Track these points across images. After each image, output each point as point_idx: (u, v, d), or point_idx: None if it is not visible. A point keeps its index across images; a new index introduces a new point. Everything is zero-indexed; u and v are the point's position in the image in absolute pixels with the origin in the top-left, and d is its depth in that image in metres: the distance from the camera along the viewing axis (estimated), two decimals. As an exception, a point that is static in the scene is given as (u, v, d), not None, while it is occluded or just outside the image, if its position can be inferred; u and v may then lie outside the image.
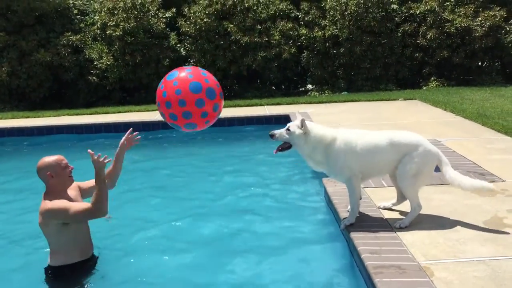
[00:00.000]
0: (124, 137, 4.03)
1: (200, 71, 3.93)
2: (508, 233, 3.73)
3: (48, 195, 3.64)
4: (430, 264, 3.32)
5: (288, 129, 4.03)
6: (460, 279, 3.11)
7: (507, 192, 4.61)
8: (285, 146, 4.08)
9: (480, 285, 3.03)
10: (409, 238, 3.73)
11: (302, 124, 3.99)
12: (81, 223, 3.76)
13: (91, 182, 3.81)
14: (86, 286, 3.76)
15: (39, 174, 3.66)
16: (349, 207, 4.20)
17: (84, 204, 3.58)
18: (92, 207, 3.49)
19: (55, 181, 3.64)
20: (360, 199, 4.34)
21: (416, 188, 3.98)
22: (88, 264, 3.87)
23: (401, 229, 3.90)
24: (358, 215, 4.13)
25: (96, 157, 3.48)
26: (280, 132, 4.05)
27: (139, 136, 4.10)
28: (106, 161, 3.53)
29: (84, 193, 3.95)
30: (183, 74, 3.83)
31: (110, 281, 3.88)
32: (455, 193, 4.55)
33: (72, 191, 3.83)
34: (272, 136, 4.04)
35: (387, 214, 4.25)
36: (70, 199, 3.71)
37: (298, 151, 4.11)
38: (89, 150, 3.53)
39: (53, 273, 3.76)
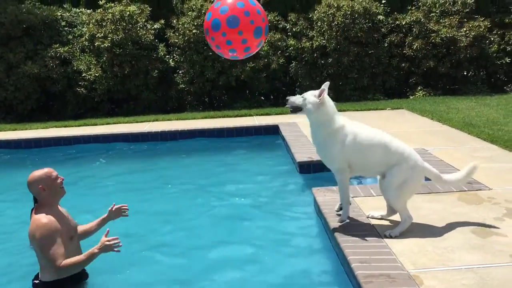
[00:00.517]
0: (115, 206, 4.04)
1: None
2: (495, 241, 3.78)
3: (40, 209, 3.64)
4: (419, 272, 3.36)
5: (303, 97, 4.15)
6: (449, 287, 3.15)
7: (494, 200, 4.68)
8: (297, 108, 4.21)
9: (469, 292, 3.07)
10: (398, 246, 3.77)
11: (320, 94, 4.08)
12: (71, 241, 3.74)
13: (85, 228, 4.00)
14: None
15: (31, 188, 3.66)
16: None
17: (59, 255, 3.50)
18: (59, 266, 3.48)
19: (47, 194, 3.65)
20: (350, 204, 4.41)
21: (401, 200, 4.00)
22: (78, 279, 3.82)
23: (390, 238, 3.93)
24: (348, 220, 4.26)
25: (112, 242, 3.47)
26: (296, 98, 4.21)
27: (127, 209, 4.12)
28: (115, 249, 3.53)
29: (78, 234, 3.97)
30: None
31: None
32: (443, 202, 4.62)
33: (63, 208, 3.85)
34: (286, 100, 4.27)
35: (376, 223, 4.29)
36: (61, 215, 3.73)
37: (307, 116, 4.22)
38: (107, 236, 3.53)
39: (43, 287, 3.70)
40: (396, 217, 4.21)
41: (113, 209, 4.06)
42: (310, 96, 4.13)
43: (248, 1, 4.35)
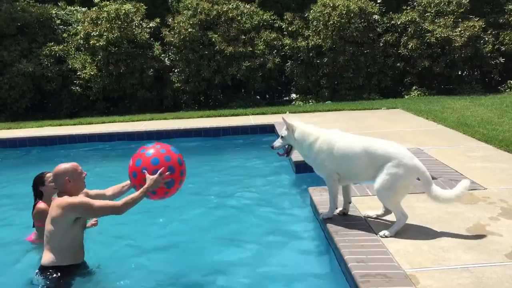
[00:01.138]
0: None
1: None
2: (490, 240, 3.81)
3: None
4: (415, 272, 3.38)
5: (281, 136, 4.50)
6: (445, 287, 3.17)
7: (488, 200, 4.71)
8: (288, 149, 4.58)
9: (465, 292, 3.10)
10: (394, 246, 3.79)
11: (286, 125, 4.45)
12: (82, 228, 3.96)
13: (98, 191, 4.22)
14: None
15: (57, 179, 3.91)
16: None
17: (112, 202, 3.87)
18: (120, 207, 3.75)
19: (71, 186, 3.88)
20: (350, 203, 4.54)
21: (393, 200, 4.01)
22: (77, 269, 3.98)
23: (386, 237, 3.95)
24: (337, 213, 4.48)
25: (162, 177, 3.75)
26: (277, 141, 4.55)
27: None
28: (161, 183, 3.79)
29: (91, 198, 4.13)
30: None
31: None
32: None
33: (81, 194, 4.05)
34: (272, 148, 4.57)
35: (372, 223, 4.31)
36: None
37: (295, 149, 4.56)
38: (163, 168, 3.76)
39: (43, 273, 3.85)
40: (392, 217, 4.23)
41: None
42: (285, 132, 4.49)
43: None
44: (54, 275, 3.81)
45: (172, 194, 4.03)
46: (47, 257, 3.85)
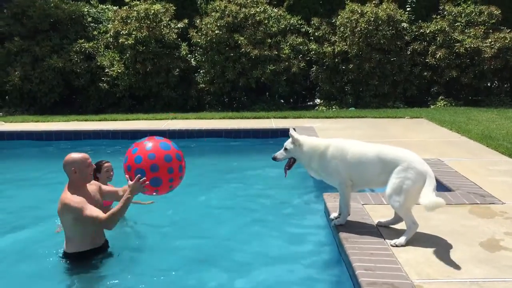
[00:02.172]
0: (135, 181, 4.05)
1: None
2: (503, 256, 3.74)
3: (70, 187, 4.01)
4: (423, 283, 3.35)
5: (285, 148, 4.42)
6: (451, 299, 3.13)
7: (506, 215, 4.62)
8: (290, 162, 4.46)
9: (472, 306, 3.05)
10: (405, 256, 3.76)
11: (293, 140, 4.36)
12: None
13: (112, 188, 4.29)
14: (95, 271, 4.11)
15: (65, 167, 4.02)
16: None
17: (99, 213, 3.89)
18: (104, 220, 3.84)
19: (77, 176, 3.99)
20: (349, 215, 4.51)
21: (404, 206, 3.98)
22: (98, 252, 4.22)
23: (396, 247, 3.92)
24: (334, 216, 4.51)
25: (141, 181, 3.83)
26: (280, 153, 4.45)
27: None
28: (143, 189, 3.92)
29: (102, 194, 4.31)
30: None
31: (117, 268, 4.19)
32: (453, 213, 4.58)
33: (92, 186, 4.20)
34: (274, 159, 4.46)
35: (385, 231, 4.28)
36: (89, 195, 4.09)
37: (299, 162, 4.44)
38: (139, 176, 3.87)
39: (67, 258, 4.15)
40: (402, 225, 4.20)
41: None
42: (290, 145, 4.40)
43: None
44: (76, 260, 4.09)
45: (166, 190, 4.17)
46: (67, 245, 4.11)
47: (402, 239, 3.97)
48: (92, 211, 3.88)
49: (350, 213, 4.49)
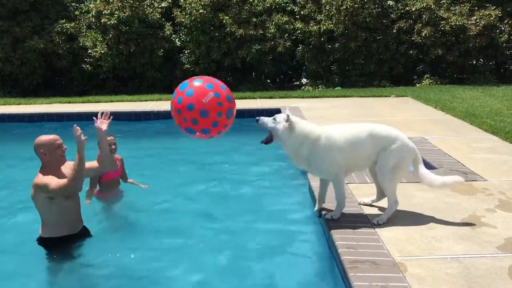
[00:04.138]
0: (96, 123, 4.02)
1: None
2: (484, 232, 3.78)
3: (43, 170, 3.89)
4: (404, 260, 3.37)
5: (274, 119, 4.04)
6: (432, 276, 3.16)
7: (487, 191, 4.66)
8: (269, 139, 4.10)
9: (452, 281, 3.09)
10: (387, 234, 3.78)
11: (288, 119, 3.98)
12: (68, 200, 3.95)
13: (88, 164, 3.99)
14: (71, 257, 4.04)
15: (35, 150, 3.90)
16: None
17: (62, 180, 3.76)
18: (67, 183, 3.69)
19: (48, 159, 3.88)
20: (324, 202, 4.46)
21: (394, 182, 4.04)
22: (75, 238, 4.12)
23: (379, 225, 3.94)
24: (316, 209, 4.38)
25: (78, 133, 3.63)
26: (266, 119, 4.06)
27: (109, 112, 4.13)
28: (83, 138, 3.64)
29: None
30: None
31: (94, 253, 4.11)
32: (436, 191, 4.61)
33: (67, 169, 3.99)
34: (257, 120, 4.07)
35: (367, 210, 4.30)
36: (64, 176, 3.89)
37: (281, 145, 4.10)
38: (75, 125, 3.66)
39: (42, 243, 4.03)
40: (385, 203, 4.23)
41: (99, 123, 4.03)
42: (282, 119, 4.00)
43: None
44: (52, 245, 4.00)
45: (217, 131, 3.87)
46: (43, 229, 4.00)
47: (383, 217, 4.00)
48: (58, 181, 3.75)
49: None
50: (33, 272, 3.91)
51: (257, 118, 4.07)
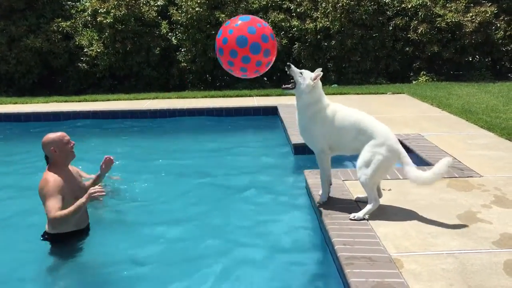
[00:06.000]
0: (103, 161, 4.34)
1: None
2: (480, 228, 3.81)
3: (52, 167, 4.02)
4: (400, 256, 3.39)
5: (301, 73, 4.26)
6: (428, 271, 3.18)
7: (483, 187, 4.69)
8: (291, 87, 4.31)
9: (447, 277, 3.11)
10: (383, 230, 3.80)
11: (315, 78, 4.21)
12: (77, 199, 3.94)
13: (91, 176, 4.33)
14: (78, 253, 4.11)
15: (44, 148, 4.04)
16: (320, 191, 4.46)
17: (53, 208, 3.78)
18: (54, 217, 3.75)
19: (58, 155, 4.02)
20: (331, 184, 4.52)
21: (371, 180, 4.01)
22: (81, 234, 4.21)
23: (355, 220, 3.97)
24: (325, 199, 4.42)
25: (96, 192, 3.69)
26: (296, 70, 4.26)
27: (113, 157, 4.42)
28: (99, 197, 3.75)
29: (81, 177, 4.40)
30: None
31: (100, 249, 4.17)
32: (432, 187, 4.61)
33: (74, 167, 4.22)
34: (288, 66, 4.26)
35: (363, 207, 4.30)
36: (71, 174, 4.15)
37: (296, 97, 4.32)
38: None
39: (49, 238, 4.10)
40: (383, 200, 4.24)
41: (103, 164, 4.36)
42: (308, 76, 4.22)
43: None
44: (59, 242, 4.07)
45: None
46: (50, 225, 4.04)
47: (360, 213, 4.03)
48: (51, 204, 3.77)
49: (329, 190, 4.48)
50: (39, 268, 3.94)
51: (288, 63, 4.28)
